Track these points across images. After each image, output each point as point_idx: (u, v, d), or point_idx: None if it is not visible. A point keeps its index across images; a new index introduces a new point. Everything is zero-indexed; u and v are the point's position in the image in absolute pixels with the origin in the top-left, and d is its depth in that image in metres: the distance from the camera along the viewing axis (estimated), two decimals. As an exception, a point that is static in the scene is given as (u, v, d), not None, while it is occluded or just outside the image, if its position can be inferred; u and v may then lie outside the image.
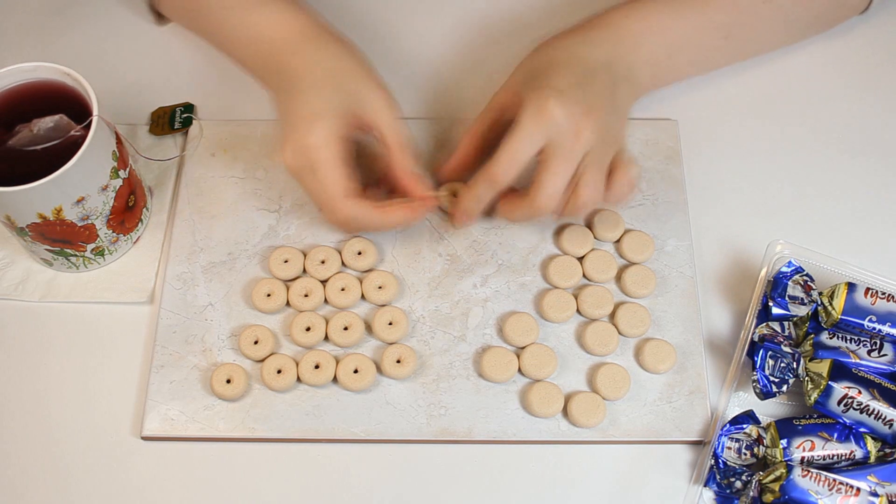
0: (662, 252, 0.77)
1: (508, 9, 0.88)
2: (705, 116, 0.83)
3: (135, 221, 0.77)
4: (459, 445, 0.70)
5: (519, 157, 0.69)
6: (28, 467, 0.70)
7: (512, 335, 0.72)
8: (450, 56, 0.86)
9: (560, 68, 0.71)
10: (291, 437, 0.70)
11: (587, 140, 0.68)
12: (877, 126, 0.83)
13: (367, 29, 0.75)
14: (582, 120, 0.68)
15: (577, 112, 0.68)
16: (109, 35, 0.88)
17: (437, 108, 0.83)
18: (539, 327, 0.73)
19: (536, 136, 0.68)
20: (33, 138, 0.69)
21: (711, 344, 0.74)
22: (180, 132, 0.82)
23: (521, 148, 0.68)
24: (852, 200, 0.80)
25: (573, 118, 0.67)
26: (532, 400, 0.70)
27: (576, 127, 0.68)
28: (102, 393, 0.72)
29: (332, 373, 0.71)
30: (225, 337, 0.74)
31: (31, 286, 0.76)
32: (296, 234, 0.77)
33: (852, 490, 0.64)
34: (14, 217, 0.69)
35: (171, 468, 0.70)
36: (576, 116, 0.68)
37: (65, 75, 0.71)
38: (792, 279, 0.72)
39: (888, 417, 0.66)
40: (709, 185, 0.80)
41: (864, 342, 0.70)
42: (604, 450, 0.70)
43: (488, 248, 0.77)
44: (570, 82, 0.69)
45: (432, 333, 0.73)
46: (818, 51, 0.86)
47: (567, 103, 0.68)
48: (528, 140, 0.68)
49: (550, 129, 0.68)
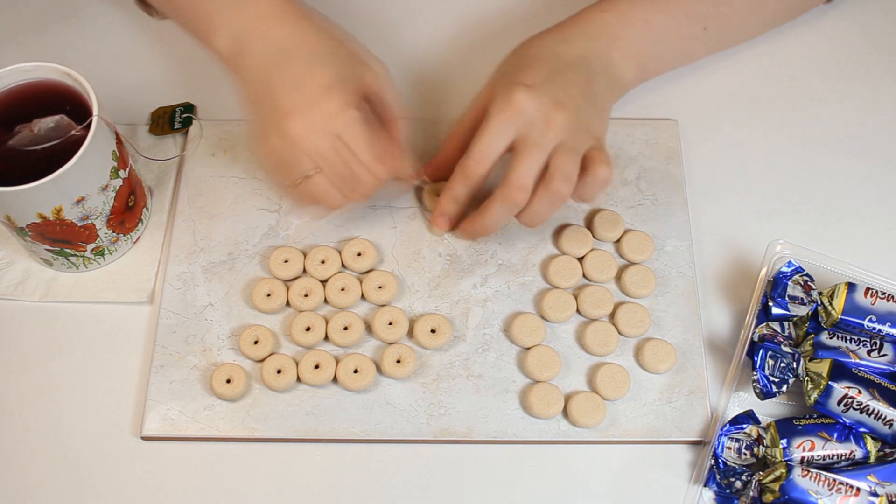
0: (662, 252, 0.77)
1: (499, 9, 0.88)
2: (705, 116, 0.83)
3: (135, 221, 0.77)
4: (459, 445, 0.70)
5: (489, 151, 0.69)
6: (28, 467, 0.70)
7: (519, 336, 0.72)
8: (440, 56, 0.86)
9: (532, 64, 0.71)
10: (291, 437, 0.70)
11: (558, 131, 0.68)
12: (877, 126, 0.83)
13: (356, 29, 0.75)
14: (552, 111, 0.68)
15: (547, 103, 0.68)
16: (109, 35, 0.88)
17: (427, 109, 0.83)
18: (545, 327, 0.73)
19: (506, 129, 0.68)
20: (33, 138, 0.69)
21: (711, 344, 0.74)
22: (180, 132, 0.82)
23: (490, 141, 0.69)
24: (852, 200, 0.80)
25: (543, 109, 0.68)
26: (532, 401, 0.70)
27: (545, 118, 0.68)
28: (102, 393, 0.72)
29: (332, 373, 0.71)
30: (225, 337, 0.74)
31: (31, 286, 0.76)
32: (296, 234, 0.77)
33: (852, 490, 0.64)
34: (14, 217, 0.69)
35: (171, 468, 0.70)
36: (545, 107, 0.68)
37: (65, 75, 0.71)
38: (792, 279, 0.72)
39: (888, 417, 0.66)
40: (709, 185, 0.80)
41: (864, 342, 0.70)
42: (604, 450, 0.70)
43: (488, 248, 0.77)
44: (540, 77, 0.70)
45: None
46: (818, 51, 0.86)
47: (536, 95, 0.68)
48: (497, 133, 0.69)
49: (519, 121, 0.68)
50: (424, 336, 0.72)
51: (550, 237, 0.77)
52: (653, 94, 0.82)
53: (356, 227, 0.78)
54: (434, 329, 0.73)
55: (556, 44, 0.74)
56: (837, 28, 0.87)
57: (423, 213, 0.78)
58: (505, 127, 0.68)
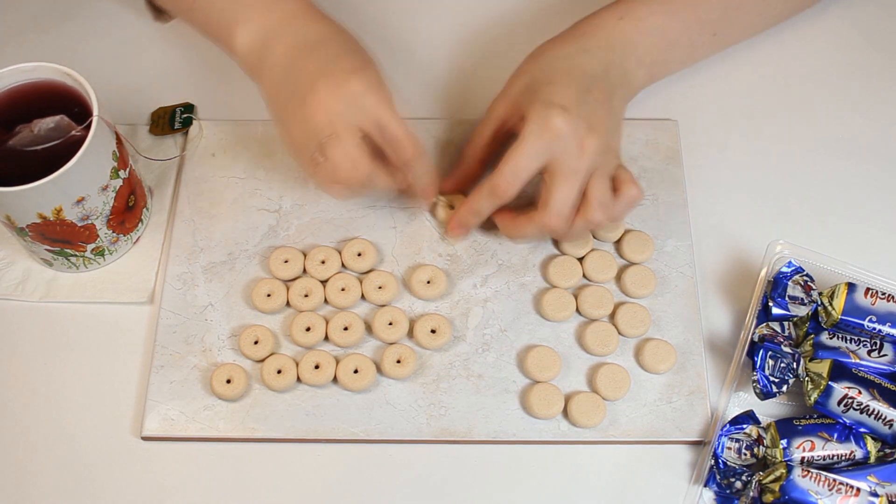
0: (662, 252, 0.77)
1: (511, 10, 0.88)
2: (705, 116, 0.83)
3: (135, 221, 0.77)
4: (459, 445, 0.70)
5: (522, 173, 0.69)
6: (28, 467, 0.70)
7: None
8: (453, 57, 0.86)
9: (561, 80, 0.70)
10: (291, 437, 0.70)
11: (591, 156, 0.68)
12: (877, 126, 0.83)
13: (370, 30, 0.75)
14: (586, 137, 0.68)
15: (582, 128, 0.68)
16: (109, 35, 0.88)
17: (441, 109, 0.83)
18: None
19: (541, 152, 0.68)
20: (34, 138, 0.69)
21: (711, 344, 0.74)
22: (180, 132, 0.82)
23: (524, 163, 0.68)
24: (852, 201, 0.80)
25: (577, 135, 0.68)
26: (532, 401, 0.70)
27: (580, 143, 0.68)
28: (102, 393, 0.72)
29: (332, 373, 0.71)
30: (225, 337, 0.74)
31: (31, 286, 0.76)
32: (296, 234, 0.77)
33: (852, 490, 0.64)
34: (14, 217, 0.69)
35: (171, 468, 0.70)
36: (580, 133, 0.68)
37: (65, 75, 0.71)
38: (792, 279, 0.72)
39: (888, 417, 0.66)
40: (709, 185, 0.80)
41: (864, 342, 0.70)
42: (604, 450, 0.70)
43: (488, 248, 0.77)
44: (571, 97, 0.69)
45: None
46: (818, 52, 0.86)
47: (571, 120, 0.68)
48: (532, 155, 0.68)
49: (554, 146, 0.68)
50: (424, 336, 0.72)
51: (550, 237, 0.77)
52: (653, 94, 0.82)
53: (356, 228, 0.78)
54: (434, 329, 0.73)
55: (577, 54, 0.73)
56: (837, 28, 0.87)
57: (435, 224, 0.77)
58: (541, 150, 0.68)
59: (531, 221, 0.70)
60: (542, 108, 0.68)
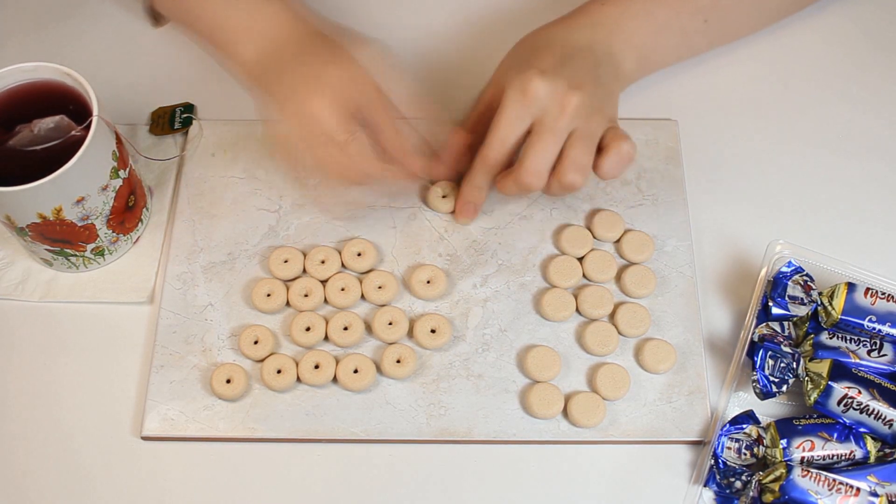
0: (662, 252, 0.77)
1: (501, 6, 0.88)
2: (705, 116, 0.83)
3: (135, 221, 0.77)
4: (459, 445, 0.70)
5: (508, 139, 0.70)
6: (28, 467, 0.70)
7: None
8: (441, 55, 0.86)
9: (542, 51, 0.72)
10: (291, 437, 0.70)
11: (573, 114, 0.68)
12: (877, 126, 0.83)
13: (357, 25, 0.75)
14: (566, 95, 0.68)
15: (561, 87, 0.68)
16: (109, 35, 0.88)
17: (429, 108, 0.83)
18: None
19: (523, 115, 0.69)
20: (34, 138, 0.69)
21: (711, 344, 0.74)
22: (180, 132, 0.82)
23: (508, 129, 0.69)
24: (852, 200, 0.80)
25: (557, 94, 0.68)
26: (532, 401, 0.70)
27: (560, 102, 0.68)
28: (102, 393, 0.72)
29: (332, 373, 0.71)
30: (225, 337, 0.74)
31: (31, 286, 0.76)
32: (296, 234, 0.77)
33: (852, 490, 0.64)
34: (14, 217, 0.69)
35: (171, 468, 0.70)
36: (559, 92, 0.68)
37: (65, 75, 0.71)
38: (792, 279, 0.72)
39: (888, 417, 0.66)
40: (709, 185, 0.80)
41: (864, 342, 0.70)
42: (604, 450, 0.70)
43: (488, 248, 0.77)
44: (551, 61, 0.70)
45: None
46: (818, 51, 0.86)
47: (550, 79, 0.68)
48: (514, 120, 0.69)
49: (535, 107, 0.68)
50: (424, 336, 0.72)
51: (550, 237, 0.77)
52: (653, 94, 0.82)
53: (356, 227, 0.78)
54: (434, 329, 0.73)
55: (559, 32, 0.75)
56: (837, 28, 0.87)
57: (435, 224, 0.78)
58: (521, 113, 0.69)
59: (510, 178, 0.71)
60: (519, 74, 0.69)
